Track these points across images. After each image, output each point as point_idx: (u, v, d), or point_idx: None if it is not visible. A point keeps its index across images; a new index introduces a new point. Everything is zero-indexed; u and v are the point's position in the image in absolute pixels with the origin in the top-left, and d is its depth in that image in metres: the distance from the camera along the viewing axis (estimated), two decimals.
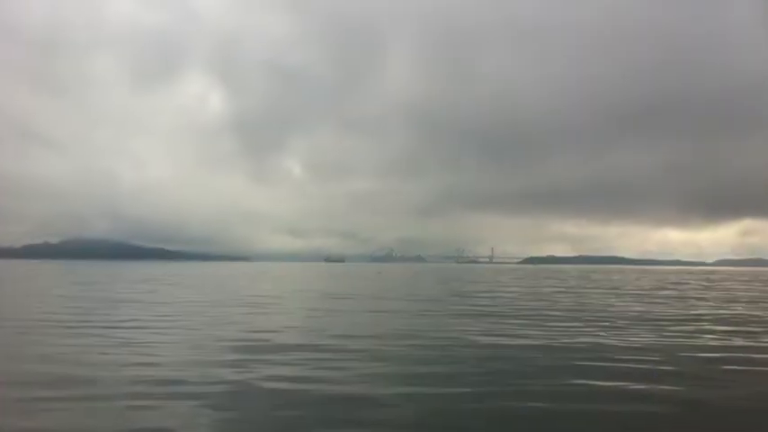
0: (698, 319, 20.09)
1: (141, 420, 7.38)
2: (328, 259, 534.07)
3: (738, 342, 14.48)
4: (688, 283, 55.54)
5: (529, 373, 10.44)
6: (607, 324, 17.99)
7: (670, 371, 10.64)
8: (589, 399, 8.59)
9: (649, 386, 9.37)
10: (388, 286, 46.26)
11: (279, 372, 10.30)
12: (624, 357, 11.97)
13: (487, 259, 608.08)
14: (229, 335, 15.10)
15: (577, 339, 14.63)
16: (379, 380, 9.76)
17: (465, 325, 17.61)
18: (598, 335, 15.48)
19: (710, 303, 28.14)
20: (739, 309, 24.98)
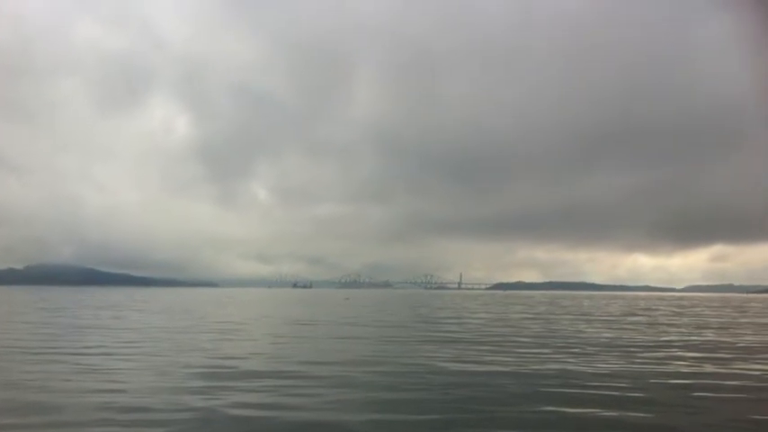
0: (668, 345, 20.29)
1: None
2: (296, 285, 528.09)
3: (709, 368, 14.59)
4: (658, 309, 56.25)
5: (497, 399, 10.36)
6: (577, 350, 18.05)
7: (641, 398, 10.66)
8: (559, 426, 8.56)
9: (620, 413, 9.37)
10: (356, 312, 45.87)
11: (245, 399, 10.10)
12: (594, 384, 11.97)
13: (456, 285, 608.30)
14: (196, 361, 14.80)
15: (547, 366, 14.63)
16: (346, 406, 9.63)
17: (433, 351, 17.50)
18: (567, 361, 15.51)
19: (681, 330, 28.44)
20: (709, 335, 25.29)
